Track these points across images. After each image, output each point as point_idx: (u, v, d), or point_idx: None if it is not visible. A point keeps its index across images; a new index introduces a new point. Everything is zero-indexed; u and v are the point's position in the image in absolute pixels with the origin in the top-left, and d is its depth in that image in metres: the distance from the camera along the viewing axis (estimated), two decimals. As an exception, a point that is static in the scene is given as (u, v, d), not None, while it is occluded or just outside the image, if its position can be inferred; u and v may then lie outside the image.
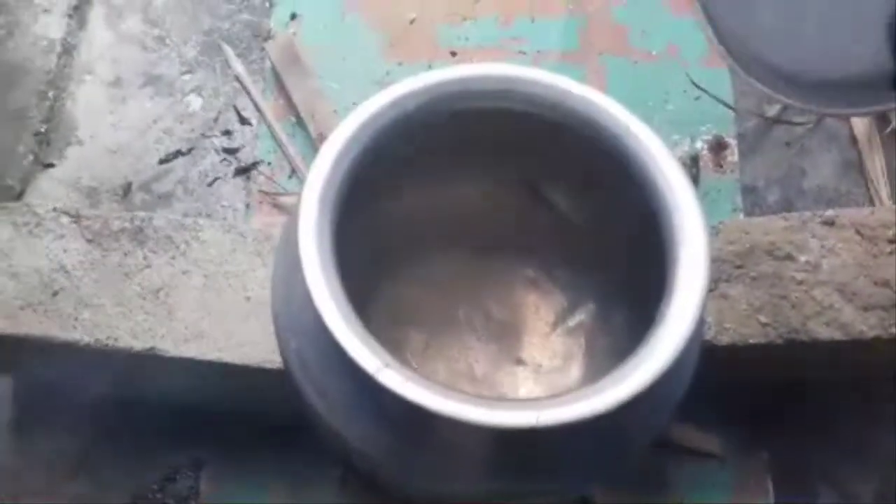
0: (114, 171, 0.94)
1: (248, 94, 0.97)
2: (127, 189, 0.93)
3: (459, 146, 0.62)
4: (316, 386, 0.51)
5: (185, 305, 0.70)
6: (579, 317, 0.70)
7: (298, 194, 0.90)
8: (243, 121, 0.97)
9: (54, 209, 0.73)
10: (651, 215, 0.55)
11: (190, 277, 0.71)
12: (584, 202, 0.68)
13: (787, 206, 0.92)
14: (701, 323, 0.49)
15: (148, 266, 0.71)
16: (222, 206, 0.92)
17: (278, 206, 0.91)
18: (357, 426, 0.50)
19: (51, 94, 0.97)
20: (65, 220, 0.72)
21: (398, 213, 0.67)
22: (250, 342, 0.68)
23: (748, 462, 0.78)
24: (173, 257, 0.72)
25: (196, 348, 0.68)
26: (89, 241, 0.72)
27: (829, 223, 0.75)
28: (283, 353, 0.55)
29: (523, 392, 0.67)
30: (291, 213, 0.57)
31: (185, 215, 0.91)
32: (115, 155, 0.95)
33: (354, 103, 0.90)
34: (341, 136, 0.52)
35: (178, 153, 0.95)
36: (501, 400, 0.49)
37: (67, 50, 1.00)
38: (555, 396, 0.46)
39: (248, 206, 0.92)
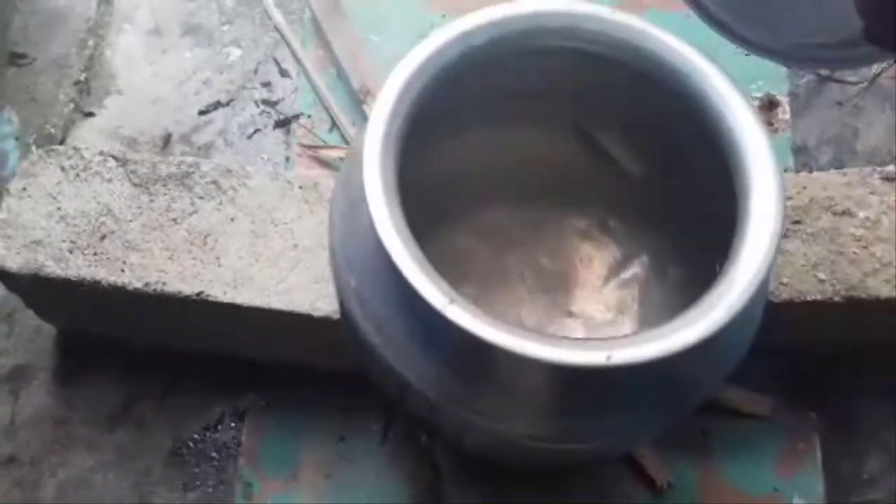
0: (153, 121, 0.93)
1: (288, 45, 0.96)
2: (167, 140, 0.92)
3: (516, 88, 0.61)
4: (376, 324, 0.50)
5: (232, 251, 0.69)
6: (633, 269, 0.68)
7: (340, 147, 0.92)
8: (283, 73, 0.95)
9: (101, 153, 0.72)
10: (718, 159, 0.53)
11: (238, 223, 0.70)
12: (642, 151, 0.67)
13: (838, 166, 0.89)
14: (772, 267, 0.47)
15: (195, 211, 0.70)
16: (262, 159, 0.91)
17: (319, 159, 0.90)
18: (419, 365, 0.49)
19: (90, 42, 0.96)
20: (112, 163, 0.72)
21: (449, 159, 0.66)
22: (299, 289, 0.68)
23: (796, 423, 0.77)
24: (221, 203, 0.71)
25: (244, 294, 0.67)
26: (136, 185, 0.71)
27: (889, 179, 0.73)
28: (340, 293, 0.54)
29: (575, 344, 0.66)
30: (349, 152, 0.56)
31: (225, 167, 0.90)
32: (155, 105, 0.94)
33: (397, 56, 0.93)
34: (407, 69, 0.51)
35: (218, 104, 0.94)
36: (571, 339, 0.48)
37: (107, -3, 0.99)
38: (626, 336, 0.45)
39: (287, 158, 0.90)
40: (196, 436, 0.78)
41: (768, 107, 0.92)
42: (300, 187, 0.72)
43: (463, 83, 0.55)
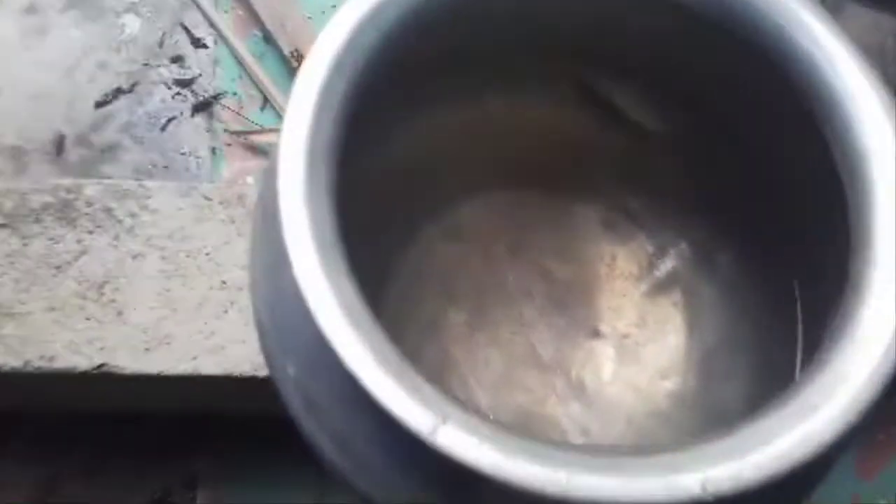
0: (41, 122, 0.75)
1: (199, 6, 0.79)
2: (60, 144, 0.75)
3: (491, 43, 0.44)
4: (330, 433, 0.34)
5: (140, 301, 0.52)
6: (670, 263, 0.52)
7: (275, 130, 0.75)
8: (196, 42, 0.78)
9: (-53, 187, 0.55)
10: (808, 126, 0.36)
11: (142, 262, 0.53)
12: (665, 104, 0.50)
13: None
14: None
15: (84, 252, 0.53)
16: (182, 155, 0.75)
17: (252, 148, 0.74)
18: (397, 493, 0.33)
19: (-53, 32, 0.78)
20: (-37, 200, 0.54)
21: (414, 146, 0.49)
22: (234, 342, 0.51)
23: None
24: (117, 237, 0.53)
25: (162, 359, 0.50)
26: (2, 225, 0.54)
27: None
28: (276, 381, 0.38)
29: (607, 374, 0.50)
30: (267, 171, 0.38)
31: (137, 171, 0.73)
32: (40, 102, 0.76)
33: (334, 6, 0.76)
34: (330, 46, 0.33)
35: (119, 92, 0.77)
36: (632, 455, 0.32)
37: (-39, -27, 0.80)
38: (714, 440, 0.29)
39: (214, 150, 0.75)
40: (141, 513, 0.64)
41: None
42: (221, 202, 0.54)
43: (415, 48, 0.37)
